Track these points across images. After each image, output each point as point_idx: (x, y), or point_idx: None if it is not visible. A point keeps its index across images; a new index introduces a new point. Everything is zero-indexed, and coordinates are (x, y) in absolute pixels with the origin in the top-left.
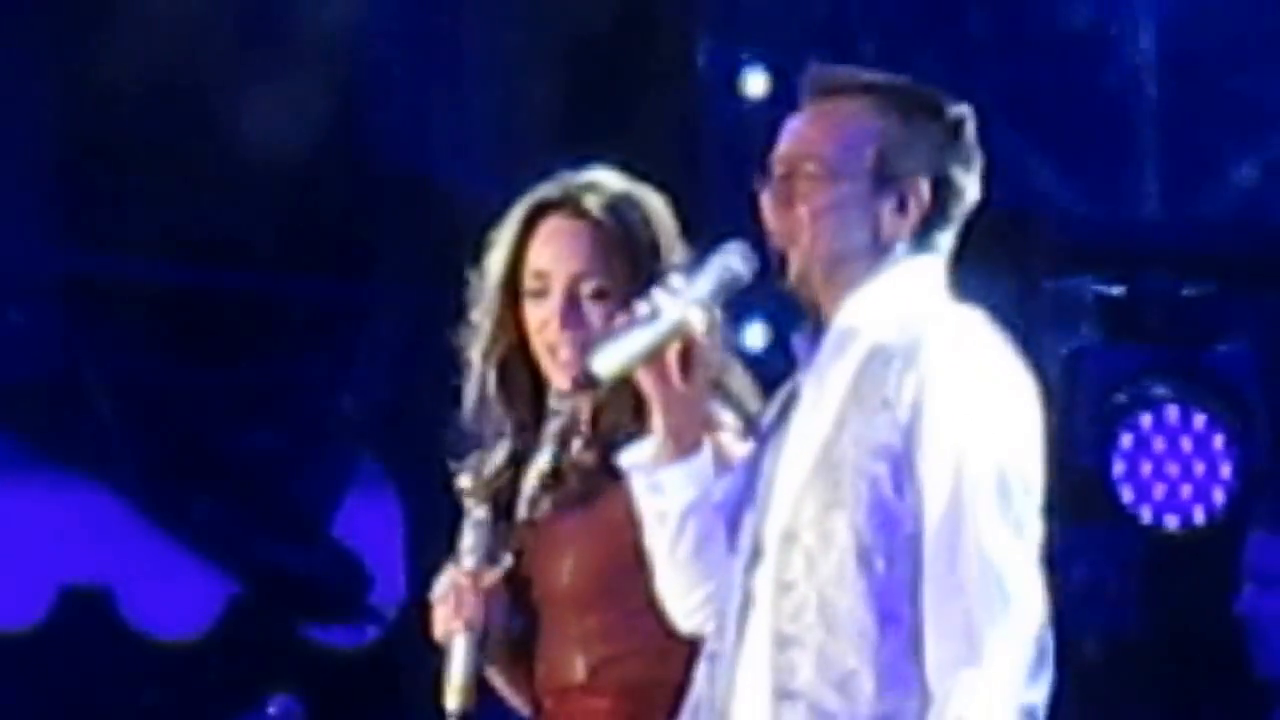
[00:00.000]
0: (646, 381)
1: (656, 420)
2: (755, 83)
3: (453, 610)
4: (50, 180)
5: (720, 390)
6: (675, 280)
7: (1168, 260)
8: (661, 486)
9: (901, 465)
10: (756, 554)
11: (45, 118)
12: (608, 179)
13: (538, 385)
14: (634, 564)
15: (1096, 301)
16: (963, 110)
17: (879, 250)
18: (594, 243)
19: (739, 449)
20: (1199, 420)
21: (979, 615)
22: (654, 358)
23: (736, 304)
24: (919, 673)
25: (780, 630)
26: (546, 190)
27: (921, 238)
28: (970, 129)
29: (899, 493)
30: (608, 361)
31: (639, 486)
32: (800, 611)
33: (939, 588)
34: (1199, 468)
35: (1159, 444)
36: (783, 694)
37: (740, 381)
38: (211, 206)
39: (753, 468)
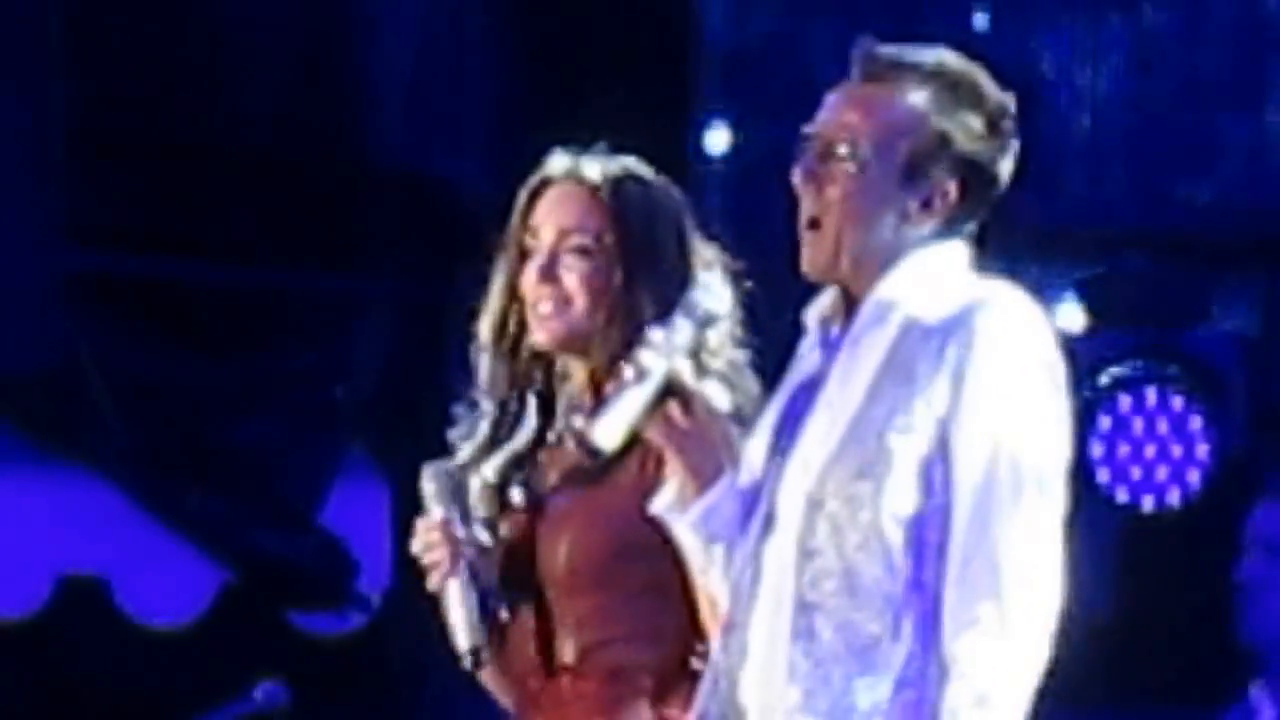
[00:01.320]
0: (654, 435)
1: (673, 464)
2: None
3: (432, 562)
4: (50, 176)
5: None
6: (655, 335)
7: (1146, 242)
8: (698, 524)
9: (935, 436)
10: (769, 524)
11: (46, 114)
12: (624, 160)
13: (538, 354)
14: (631, 548)
15: (1075, 284)
16: (1005, 99)
17: (902, 239)
18: (583, 204)
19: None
20: (1177, 402)
21: (1008, 587)
22: (653, 413)
23: None
24: (941, 641)
25: (803, 596)
26: (554, 161)
27: (948, 226)
28: (1010, 116)
29: (931, 464)
30: (609, 432)
31: (678, 529)
32: (821, 578)
33: (968, 557)
34: (1176, 449)
35: (1137, 426)
36: (808, 660)
37: (746, 384)
38: (206, 202)
39: (774, 444)
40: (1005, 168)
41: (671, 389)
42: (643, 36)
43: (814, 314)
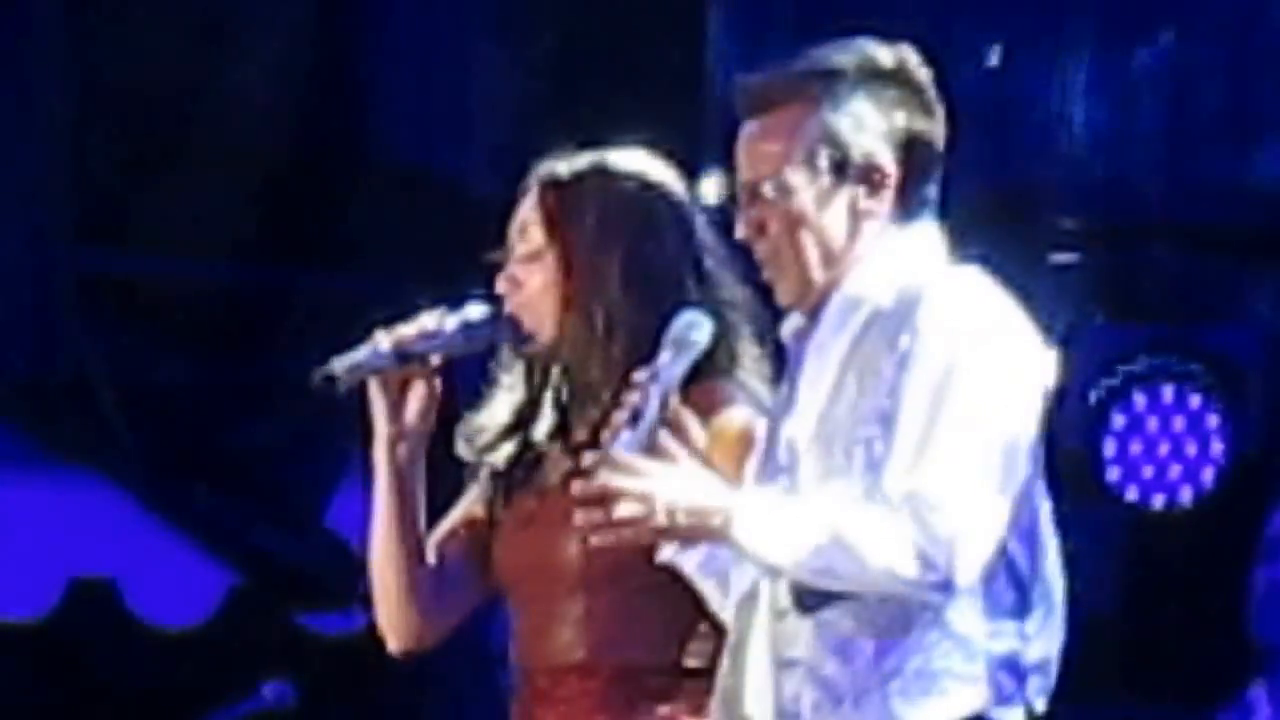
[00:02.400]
0: None
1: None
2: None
3: (406, 333)
4: (56, 177)
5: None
6: (640, 377)
7: (1165, 237)
8: (704, 567)
9: (894, 424)
10: (777, 572)
11: (53, 115)
12: (608, 156)
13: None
14: (639, 548)
15: (1092, 279)
16: (902, 54)
17: (861, 232)
18: (538, 206)
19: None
20: (1194, 400)
21: (933, 487)
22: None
23: None
24: (918, 635)
25: (777, 601)
26: (536, 169)
27: (904, 204)
28: (916, 69)
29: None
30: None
31: (688, 571)
32: (798, 585)
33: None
34: (1191, 448)
35: (1152, 423)
36: (782, 663)
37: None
38: (212, 201)
39: (761, 465)
40: (935, 126)
41: (663, 424)
42: (652, 31)
43: (789, 329)
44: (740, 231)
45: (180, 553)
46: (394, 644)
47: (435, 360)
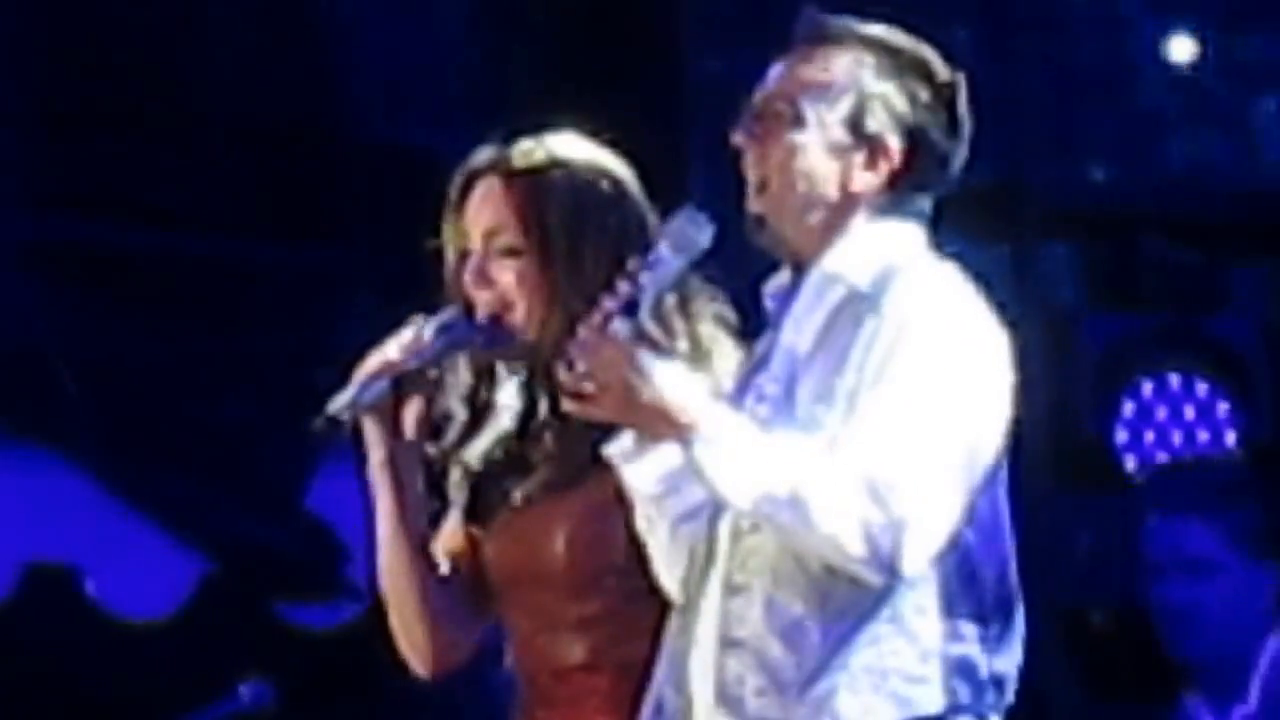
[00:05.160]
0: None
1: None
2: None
3: (389, 358)
4: (11, 143)
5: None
6: (633, 265)
7: (1170, 225)
8: (648, 469)
9: (851, 408)
10: (721, 505)
11: (8, 81)
12: (551, 141)
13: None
14: (633, 543)
15: (1097, 268)
16: (953, 75)
17: (847, 203)
18: (508, 199)
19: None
20: (1201, 388)
21: (879, 469)
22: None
23: None
24: (864, 620)
25: (730, 577)
26: (480, 154)
27: (896, 199)
28: (959, 94)
29: None
30: None
31: (629, 475)
32: (749, 558)
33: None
34: (1202, 436)
35: (1161, 412)
36: (728, 642)
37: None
38: (182, 171)
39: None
40: (953, 147)
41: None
42: (635, 9)
43: (769, 290)
44: (737, 139)
45: (148, 537)
46: (423, 668)
47: (432, 374)
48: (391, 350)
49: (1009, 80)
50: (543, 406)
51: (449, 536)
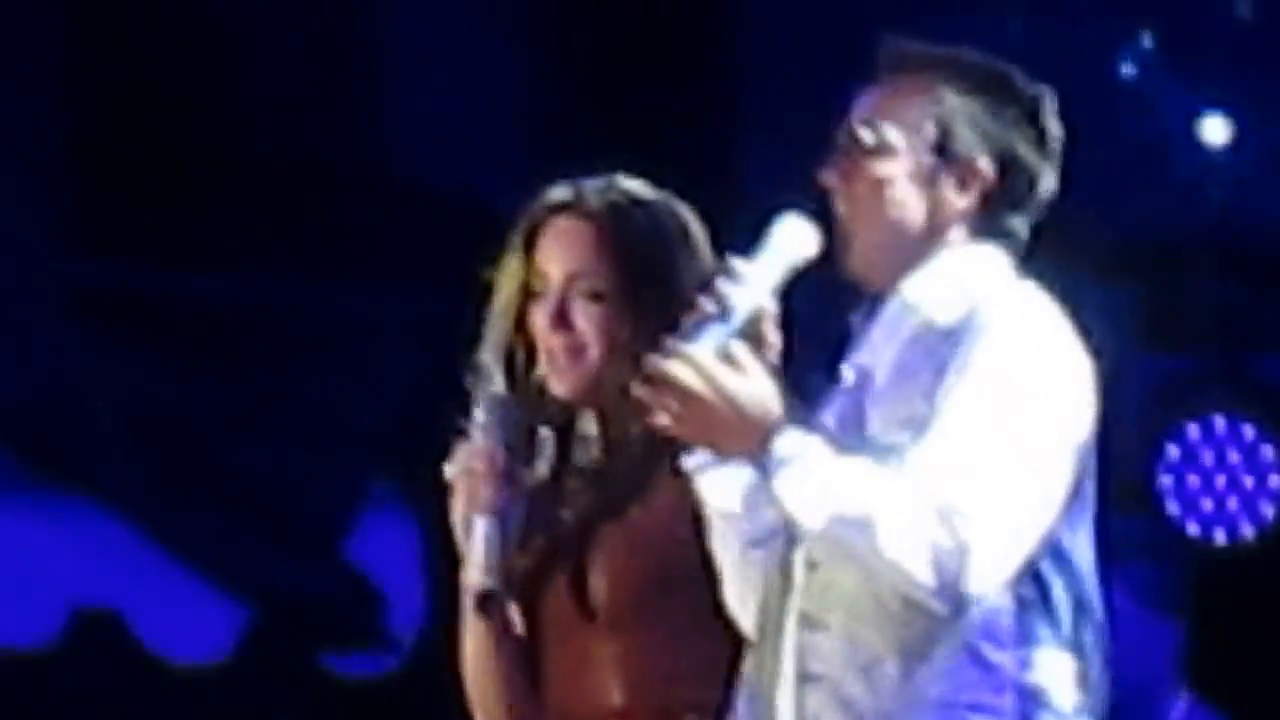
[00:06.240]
0: None
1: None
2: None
3: (469, 492)
4: (54, 188)
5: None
6: (740, 266)
7: (1216, 265)
8: (725, 483)
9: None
10: (796, 532)
11: (50, 123)
12: (622, 182)
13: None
14: (674, 579)
15: (1143, 307)
16: (1039, 90)
17: (938, 228)
18: (592, 243)
19: None
20: (1248, 431)
21: (956, 495)
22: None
23: None
24: (943, 656)
25: (806, 611)
26: (555, 192)
27: (986, 220)
28: (1047, 111)
29: None
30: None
31: (704, 487)
32: (826, 591)
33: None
34: (1247, 481)
35: (1207, 456)
36: (805, 677)
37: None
38: (224, 216)
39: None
40: (1044, 165)
41: (748, 332)
42: (680, 48)
43: (856, 317)
44: (825, 177)
45: (191, 583)
46: None
47: (525, 478)
48: (481, 486)
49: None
50: (586, 450)
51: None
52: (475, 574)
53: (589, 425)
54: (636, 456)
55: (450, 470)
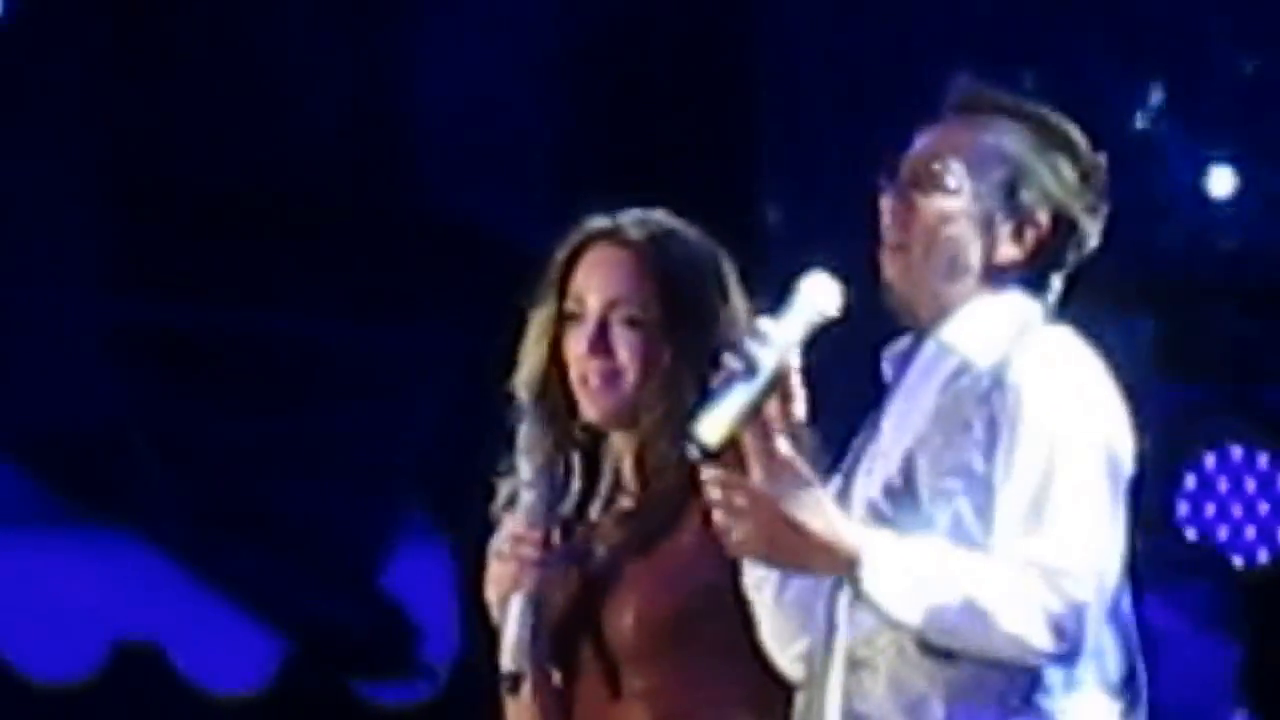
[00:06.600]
0: (747, 436)
1: (756, 470)
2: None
3: (515, 568)
4: (97, 225)
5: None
6: (765, 325)
7: (1231, 294)
8: (784, 599)
9: (980, 484)
10: (841, 578)
11: (93, 162)
12: (660, 216)
13: (582, 424)
14: (702, 612)
15: (1158, 337)
16: (1098, 157)
17: (986, 273)
18: (632, 271)
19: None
20: (1263, 460)
21: (1056, 558)
22: (756, 412)
23: None
24: (991, 700)
25: (853, 652)
26: (595, 221)
27: (1032, 272)
28: (1102, 177)
29: (978, 515)
30: (715, 428)
31: (763, 594)
32: (873, 634)
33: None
34: (1263, 508)
35: (1223, 484)
36: (853, 717)
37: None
38: (260, 251)
39: (841, 490)
40: (1093, 228)
41: (774, 388)
42: (704, 85)
43: (889, 356)
44: (885, 205)
45: (229, 615)
46: None
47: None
48: (522, 571)
49: None
50: (626, 477)
51: None
52: (506, 657)
53: (617, 451)
54: (671, 486)
55: (495, 547)
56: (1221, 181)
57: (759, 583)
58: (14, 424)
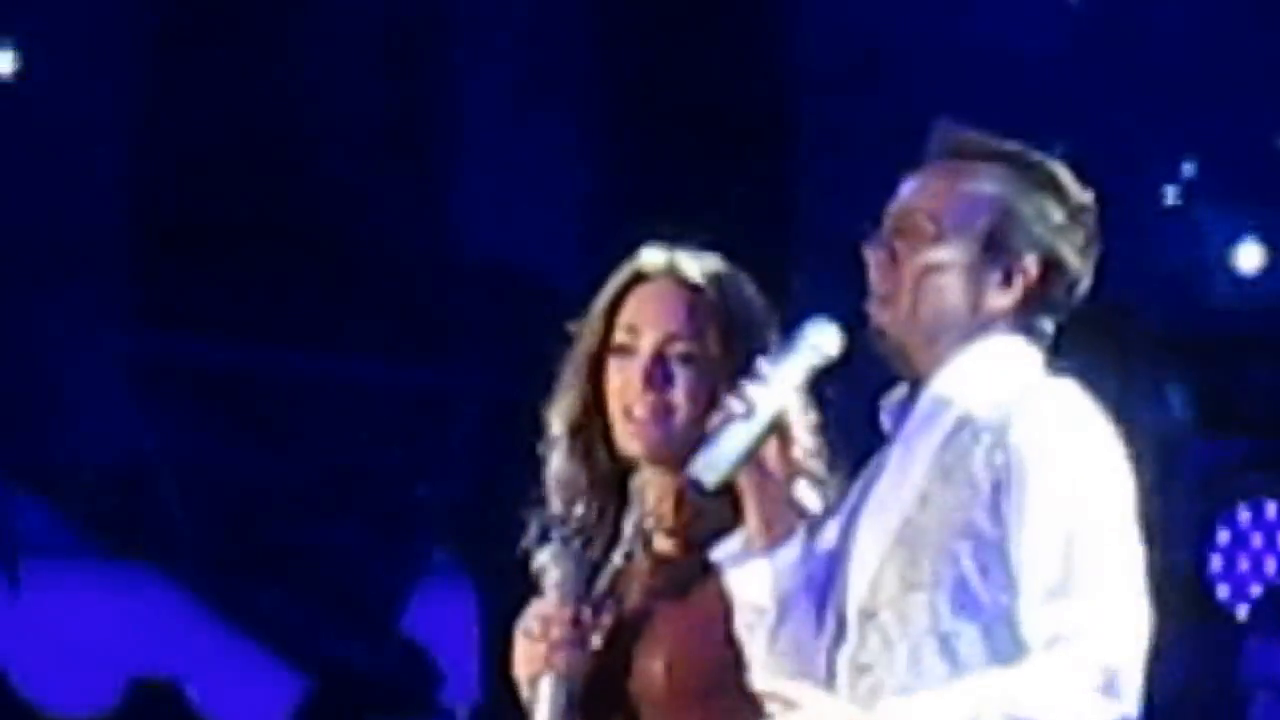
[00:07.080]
0: (744, 478)
1: (751, 513)
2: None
3: (546, 650)
4: (120, 260)
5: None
6: (764, 368)
7: (1265, 350)
8: (755, 577)
9: (987, 545)
10: (840, 632)
11: (119, 196)
12: (709, 255)
13: (616, 459)
14: (736, 660)
15: (1193, 392)
16: (1087, 197)
17: (978, 321)
18: (691, 307)
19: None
20: None
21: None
22: (754, 453)
23: None
24: None
25: (856, 657)
26: (649, 256)
27: (1024, 317)
28: (1092, 217)
29: (984, 574)
30: (713, 469)
31: (733, 579)
32: (875, 695)
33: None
34: None
35: (1256, 539)
36: None
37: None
38: (290, 291)
39: (838, 542)
40: (1084, 269)
41: (774, 428)
42: (741, 127)
43: (886, 405)
44: (869, 260)
45: (250, 653)
46: None
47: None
48: (553, 650)
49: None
50: (665, 517)
51: None
52: None
53: (656, 490)
54: (710, 530)
55: (524, 626)
56: (1250, 257)
57: (752, 631)
58: (38, 459)
